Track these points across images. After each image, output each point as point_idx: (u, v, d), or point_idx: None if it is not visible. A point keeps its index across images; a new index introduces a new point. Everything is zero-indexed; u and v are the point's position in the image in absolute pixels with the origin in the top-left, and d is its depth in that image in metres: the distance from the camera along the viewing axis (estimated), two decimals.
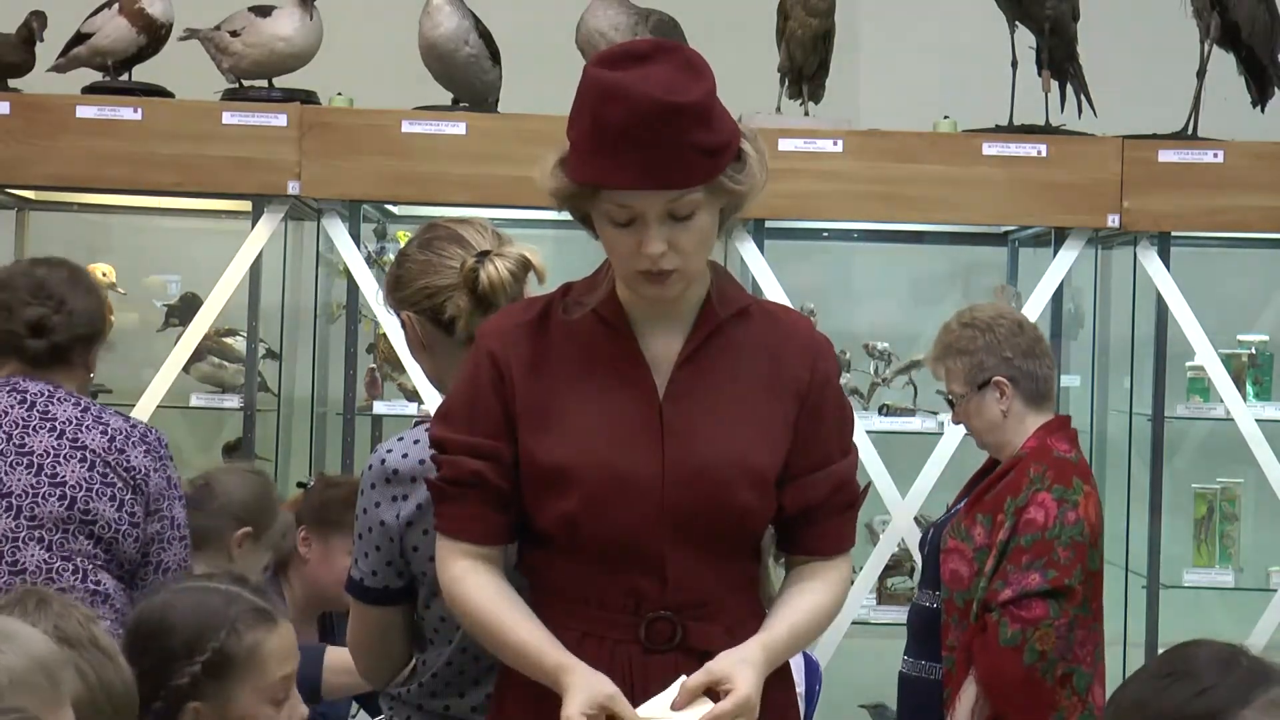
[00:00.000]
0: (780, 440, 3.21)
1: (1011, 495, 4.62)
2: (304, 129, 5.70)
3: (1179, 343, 5.90)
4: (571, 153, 3.11)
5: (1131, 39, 6.03)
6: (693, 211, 3.08)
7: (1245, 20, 5.80)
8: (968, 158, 5.77)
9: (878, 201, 5.82)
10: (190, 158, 5.61)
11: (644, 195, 3.06)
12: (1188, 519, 6.14)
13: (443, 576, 3.25)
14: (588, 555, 3.13)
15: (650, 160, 3.03)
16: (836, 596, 3.31)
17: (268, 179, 5.71)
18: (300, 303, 6.46)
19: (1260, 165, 5.79)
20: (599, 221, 3.14)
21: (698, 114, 3.05)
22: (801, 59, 5.90)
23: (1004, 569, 4.56)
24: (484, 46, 5.82)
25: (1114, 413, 6.39)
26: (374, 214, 6.26)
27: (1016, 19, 5.79)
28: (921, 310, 6.53)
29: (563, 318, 3.24)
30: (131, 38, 5.82)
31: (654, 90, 3.00)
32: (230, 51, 5.82)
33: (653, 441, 3.15)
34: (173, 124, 5.66)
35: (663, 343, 3.22)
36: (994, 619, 4.56)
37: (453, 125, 5.75)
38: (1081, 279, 6.16)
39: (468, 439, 3.22)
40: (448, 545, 3.24)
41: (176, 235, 6.43)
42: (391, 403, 6.06)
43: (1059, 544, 4.61)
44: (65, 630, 2.75)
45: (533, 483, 3.19)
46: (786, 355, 3.26)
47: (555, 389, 3.21)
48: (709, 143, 3.07)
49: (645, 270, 3.10)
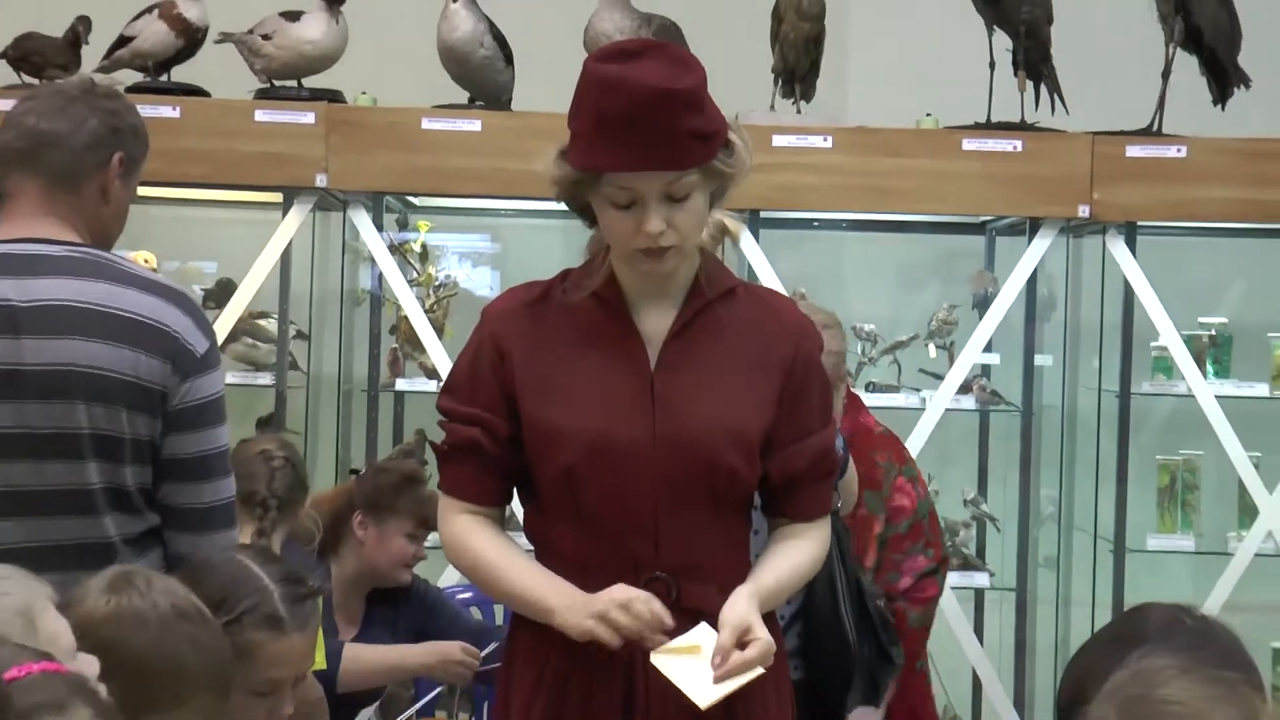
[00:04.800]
0: (764, 409, 3.25)
1: (870, 487, 4.51)
2: (330, 126, 5.72)
3: (1144, 325, 5.92)
4: (574, 142, 3.15)
5: (1101, 42, 6.04)
6: (689, 193, 3.14)
7: (1207, 24, 5.81)
8: (948, 153, 5.78)
9: (865, 193, 5.84)
10: (225, 153, 5.63)
11: (644, 177, 3.11)
12: (1152, 488, 6.15)
13: (443, 530, 3.35)
14: (586, 519, 3.17)
15: (650, 145, 3.08)
16: (817, 553, 3.37)
17: (297, 172, 5.73)
18: (328, 288, 6.47)
19: (1221, 160, 5.79)
20: (600, 205, 3.19)
21: (690, 101, 3.10)
22: (794, 60, 5.91)
23: (890, 559, 4.55)
24: (498, 49, 5.83)
25: (1084, 390, 6.40)
26: (396, 205, 6.27)
27: (994, 23, 5.79)
28: (905, 295, 6.55)
29: (562, 299, 3.30)
30: (170, 41, 5.84)
31: (650, 79, 3.05)
32: (262, 54, 5.84)
33: (644, 409, 3.19)
34: (208, 121, 5.69)
35: (655, 320, 3.27)
36: (901, 607, 4.54)
37: (469, 122, 5.77)
38: (1054, 266, 6.15)
39: (468, 409, 3.28)
40: (448, 502, 3.33)
41: (212, 225, 6.46)
42: (412, 380, 6.07)
43: (925, 521, 4.64)
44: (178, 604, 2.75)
45: (535, 446, 3.24)
46: (772, 333, 3.31)
47: (556, 362, 3.25)
48: (702, 128, 3.12)
49: (645, 248, 3.15)
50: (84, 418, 3.31)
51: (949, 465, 6.22)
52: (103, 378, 3.32)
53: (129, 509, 3.35)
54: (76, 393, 3.31)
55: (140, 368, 3.33)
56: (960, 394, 6.00)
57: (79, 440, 3.32)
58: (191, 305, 3.47)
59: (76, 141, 3.47)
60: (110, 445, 3.33)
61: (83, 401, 3.31)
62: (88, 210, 3.49)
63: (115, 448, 3.33)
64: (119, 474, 3.33)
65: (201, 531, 3.39)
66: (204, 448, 3.40)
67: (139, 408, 3.33)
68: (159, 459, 3.37)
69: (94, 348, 3.32)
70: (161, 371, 3.34)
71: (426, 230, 6.26)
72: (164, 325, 3.36)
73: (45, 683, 2.06)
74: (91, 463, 3.32)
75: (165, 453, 3.37)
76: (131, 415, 3.32)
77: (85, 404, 3.31)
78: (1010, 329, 6.08)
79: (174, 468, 3.38)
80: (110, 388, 3.32)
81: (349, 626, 4.75)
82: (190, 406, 3.37)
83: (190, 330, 3.39)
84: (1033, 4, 5.77)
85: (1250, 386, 6.06)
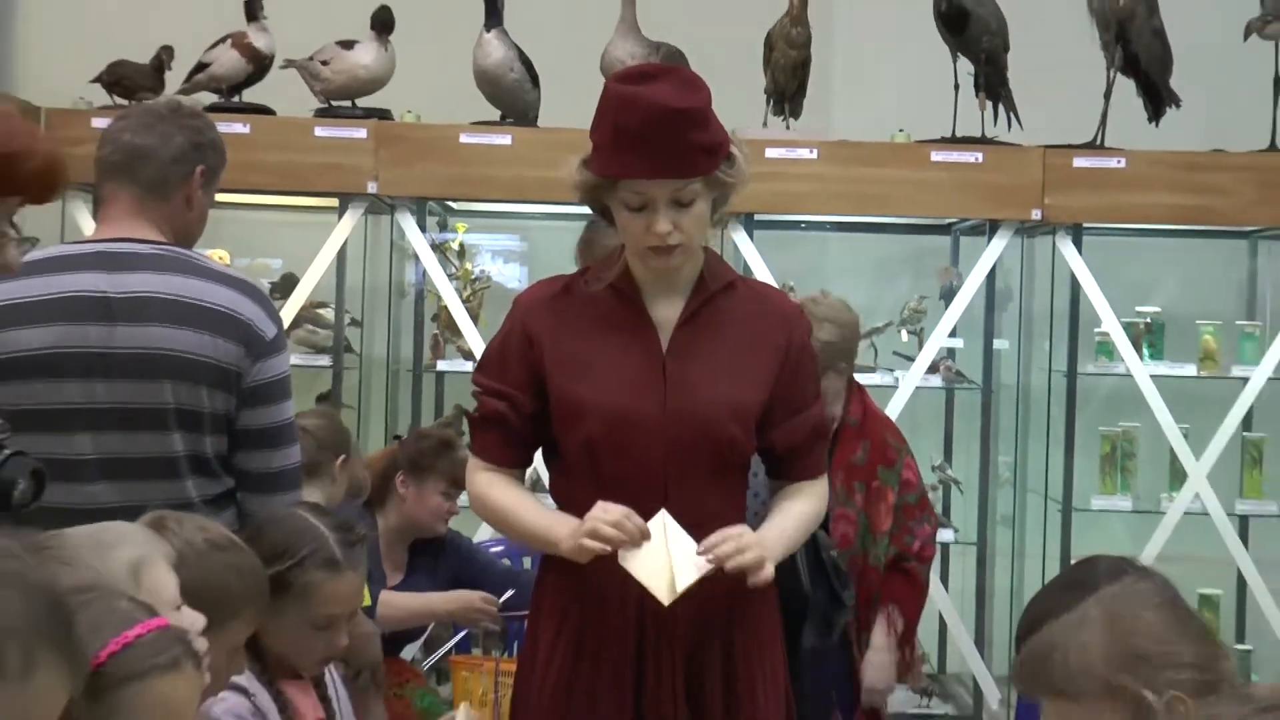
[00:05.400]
0: (761, 386, 3.27)
1: (883, 464, 4.54)
2: (380, 140, 5.74)
3: (1088, 313, 5.93)
4: (595, 152, 3.18)
5: (1051, 67, 6.04)
6: (694, 199, 3.16)
7: (1143, 52, 5.81)
8: (918, 163, 5.79)
9: (846, 199, 5.86)
10: (288, 164, 5.65)
11: (654, 184, 3.13)
12: (1095, 456, 6.14)
13: (469, 484, 3.39)
14: (604, 481, 3.17)
15: (660, 156, 3.10)
16: (818, 507, 3.40)
17: (351, 180, 5.74)
18: (377, 281, 6.47)
19: (1156, 170, 5.80)
20: (616, 208, 3.21)
21: (697, 118, 3.12)
22: (784, 83, 5.93)
23: (905, 525, 4.56)
24: (526, 72, 5.84)
25: (1036, 370, 6.41)
26: (437, 209, 6.30)
27: (958, 51, 5.81)
28: (881, 287, 6.54)
29: (584, 290, 3.31)
30: (241, 66, 5.87)
31: (663, 99, 3.08)
32: (320, 77, 5.86)
33: (657, 387, 3.21)
34: (274, 136, 5.70)
35: (665, 309, 3.29)
36: (914, 566, 4.57)
37: (500, 137, 5.78)
38: (1010, 262, 6.17)
39: (496, 385, 3.31)
40: (474, 462, 3.37)
41: (277, 227, 6.47)
42: (451, 361, 6.08)
43: (925, 493, 4.69)
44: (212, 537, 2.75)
45: (560, 418, 3.26)
46: (767, 321, 3.33)
47: (579, 345, 3.27)
48: (707, 142, 3.14)
49: (654, 246, 3.17)
50: (170, 395, 3.33)
51: (919, 436, 6.18)
52: (186, 360, 3.33)
53: (208, 473, 3.37)
54: (163, 373, 3.33)
55: (218, 351, 3.34)
56: (929, 374, 6.01)
57: (165, 414, 3.33)
58: (261, 296, 3.48)
59: (165, 155, 3.47)
60: (192, 418, 3.34)
61: (169, 380, 3.33)
62: (174, 215, 3.50)
63: (196, 420, 3.34)
64: (200, 443, 3.35)
65: (271, 493, 3.41)
66: (273, 420, 3.41)
67: (217, 385, 3.34)
68: (234, 430, 3.38)
69: (178, 333, 3.33)
70: (236, 354, 3.35)
71: (463, 231, 6.27)
72: (238, 314, 3.37)
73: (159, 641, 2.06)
74: (176, 433, 3.34)
75: (239, 424, 3.38)
76: (210, 392, 3.34)
77: (171, 382, 3.32)
78: (972, 317, 6.08)
79: (247, 438, 3.39)
80: (192, 368, 3.33)
81: (395, 573, 4.77)
82: (261, 384, 3.38)
83: (260, 318, 3.40)
84: (992, 35, 5.78)
85: (1180, 367, 6.06)
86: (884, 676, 4.53)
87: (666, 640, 3.22)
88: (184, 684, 2.07)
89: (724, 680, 3.27)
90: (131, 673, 2.00)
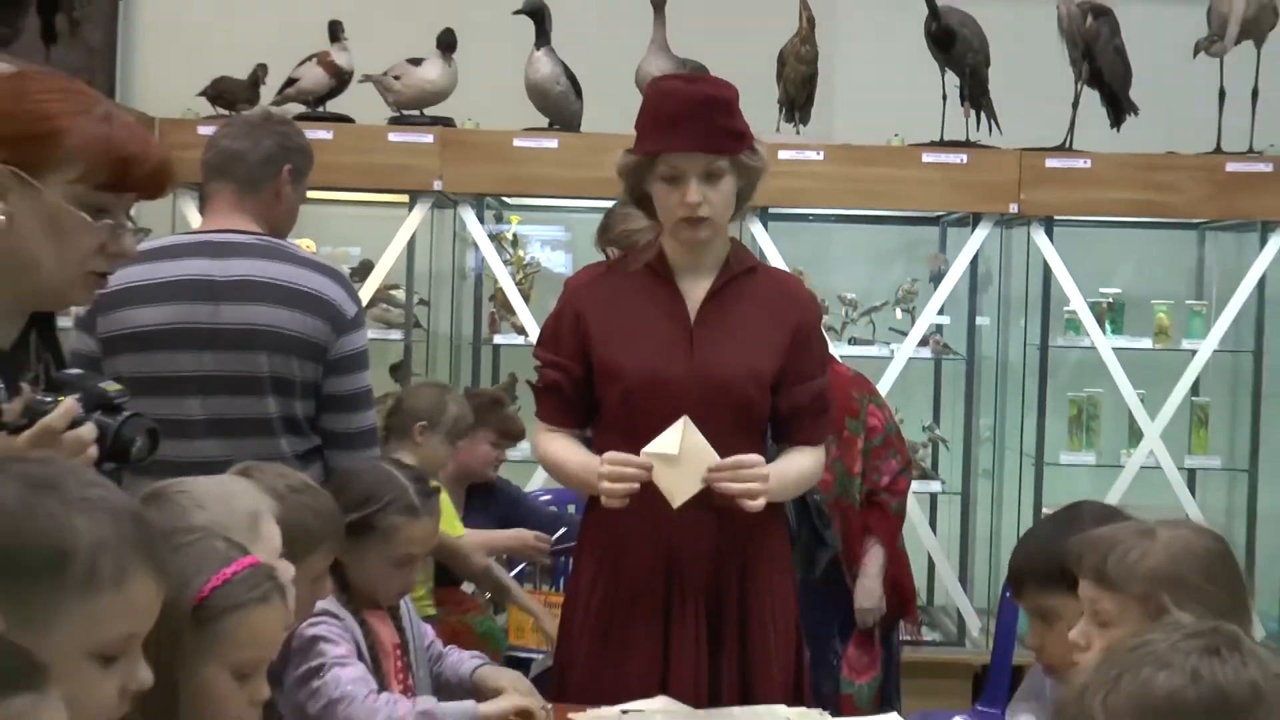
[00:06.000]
0: (775, 355, 3.29)
1: (849, 415, 4.57)
2: (444, 144, 5.75)
3: (1058, 294, 5.93)
4: (639, 138, 3.23)
5: (1026, 80, 6.02)
6: (722, 176, 3.19)
7: (1107, 68, 5.81)
8: (911, 163, 5.78)
9: (848, 194, 5.85)
10: (365, 165, 5.65)
11: (689, 158, 3.16)
12: (1064, 417, 6.13)
13: (534, 443, 3.42)
14: (639, 435, 3.16)
15: (694, 133, 3.14)
16: (816, 466, 3.40)
17: (419, 179, 5.75)
18: (442, 266, 6.48)
19: (1117, 169, 5.78)
20: (654, 185, 3.23)
21: (726, 106, 3.18)
22: (794, 94, 5.93)
23: (873, 465, 4.60)
24: (570, 85, 5.85)
25: (1013, 344, 6.37)
26: (494, 204, 6.30)
27: (946, 65, 5.81)
28: (878, 271, 6.52)
29: (624, 270, 3.34)
30: (325, 81, 5.89)
31: (699, 88, 3.18)
32: (393, 90, 5.87)
33: (685, 353, 3.24)
34: (353, 141, 5.71)
35: (694, 287, 3.31)
36: (883, 499, 4.62)
37: (548, 141, 5.78)
38: (991, 249, 6.17)
39: (552, 357, 3.34)
40: (539, 425, 3.39)
41: (355, 219, 6.48)
42: (506, 335, 6.07)
43: (892, 435, 4.69)
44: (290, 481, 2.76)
45: (602, 378, 3.30)
46: (783, 303, 3.35)
47: (618, 317, 3.30)
48: (735, 128, 3.19)
49: (686, 217, 3.18)
50: (265, 365, 3.36)
51: (911, 400, 6.22)
52: (280, 334, 3.36)
53: (298, 432, 3.40)
54: (260, 346, 3.36)
55: (306, 327, 3.37)
56: (920, 346, 5.98)
57: (262, 381, 3.37)
58: (344, 279, 3.51)
59: (255, 157, 3.50)
60: (285, 385, 3.37)
61: (265, 352, 3.36)
62: (265, 208, 3.52)
63: (288, 387, 3.38)
64: (291, 406, 3.38)
65: (353, 449, 3.43)
66: (354, 387, 3.44)
67: (306, 357, 3.37)
68: (320, 395, 3.41)
69: (274, 312, 3.37)
70: (322, 329, 3.38)
71: (516, 223, 6.28)
72: (324, 295, 3.40)
73: (252, 577, 2.09)
74: (270, 398, 3.37)
75: (325, 391, 3.41)
76: (301, 363, 3.37)
77: (267, 354, 3.36)
78: (957, 297, 6.07)
79: (331, 402, 3.42)
80: (285, 342, 3.36)
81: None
82: (343, 356, 3.41)
83: (343, 298, 3.43)
84: (974, 52, 5.77)
85: (1138, 341, 6.03)
86: (872, 598, 4.59)
87: (690, 577, 3.25)
88: (273, 615, 2.10)
89: (739, 608, 3.29)
90: (229, 604, 2.04)
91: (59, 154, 2.12)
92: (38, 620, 1.59)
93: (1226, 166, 5.76)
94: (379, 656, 3.11)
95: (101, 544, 1.63)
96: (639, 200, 3.32)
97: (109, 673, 1.65)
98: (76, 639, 1.62)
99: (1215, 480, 6.35)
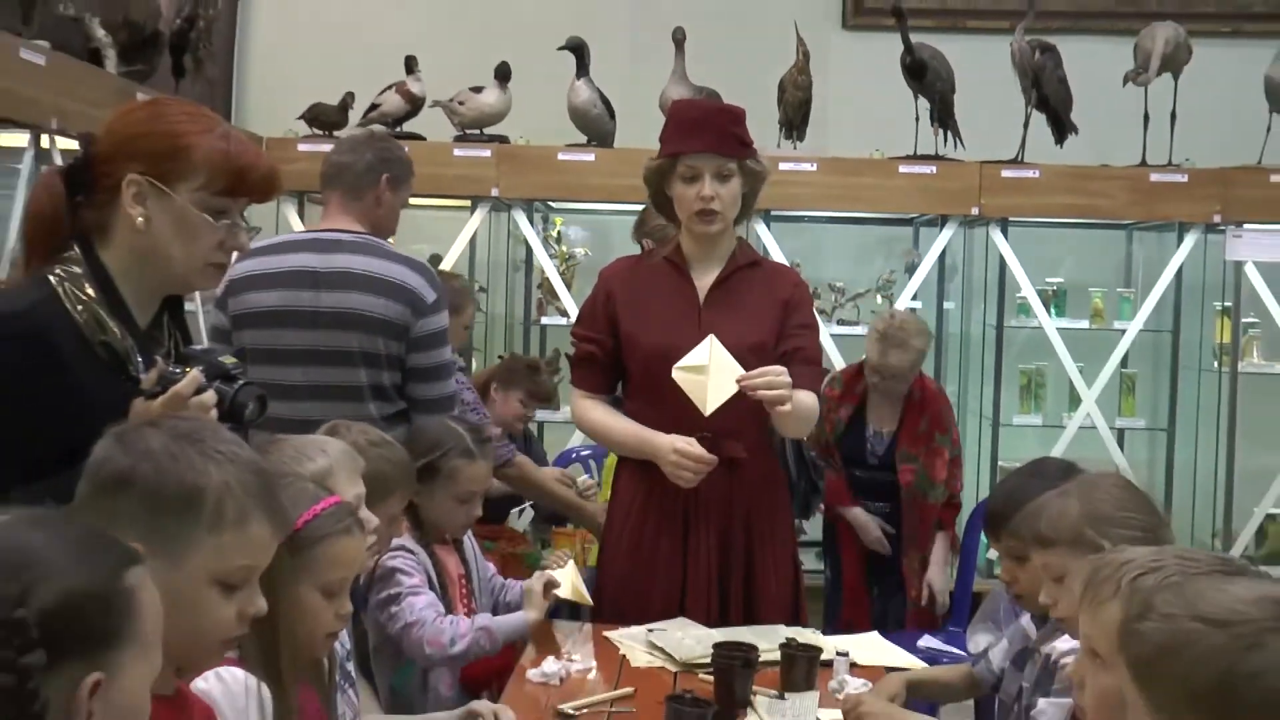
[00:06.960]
0: (772, 329, 3.25)
1: (940, 431, 4.54)
2: (500, 158, 5.74)
3: (1012, 283, 5.89)
4: (662, 146, 3.23)
5: (985, 104, 5.98)
6: (731, 176, 3.18)
7: (1052, 94, 5.78)
8: (889, 174, 5.75)
9: (837, 200, 5.82)
10: (435, 175, 5.60)
11: (704, 159, 3.16)
12: (1016, 386, 6.11)
13: (573, 407, 3.38)
14: (660, 399, 3.16)
15: (710, 137, 3.15)
16: (814, 404, 3.26)
17: (479, 187, 5.74)
18: (498, 259, 6.47)
19: (1061, 179, 5.74)
20: (674, 185, 3.22)
21: (736, 118, 3.20)
22: (792, 114, 5.90)
23: (954, 474, 4.59)
24: (605, 108, 5.83)
25: (974, 324, 6.35)
26: (542, 208, 6.29)
27: (918, 92, 5.78)
28: (862, 264, 6.49)
29: (648, 262, 3.34)
30: (402, 106, 5.88)
31: (713, 103, 3.30)
32: (457, 113, 5.86)
33: (694, 328, 3.21)
34: (424, 155, 5.57)
35: (705, 276, 3.31)
36: (958, 501, 4.64)
37: (587, 155, 5.76)
38: (956, 245, 6.12)
39: (587, 333, 3.33)
40: (576, 392, 3.37)
41: (427, 221, 6.46)
42: (551, 318, 6.05)
43: (959, 450, 4.68)
44: (370, 435, 2.78)
45: (628, 350, 3.29)
46: (779, 287, 3.33)
47: (641, 299, 3.29)
48: (743, 136, 3.19)
49: (700, 210, 3.17)
50: (356, 342, 3.36)
51: None
52: (369, 317, 3.36)
53: (385, 398, 3.39)
54: (352, 326, 3.36)
55: (390, 311, 3.36)
56: None
57: (353, 355, 3.37)
58: (426, 270, 3.50)
59: (359, 168, 3.52)
60: (372, 359, 3.37)
61: (356, 332, 3.36)
62: (368, 211, 3.53)
63: (375, 360, 3.37)
64: (379, 376, 3.38)
65: (432, 414, 3.43)
66: (434, 361, 3.42)
67: (391, 336, 3.37)
68: (405, 369, 3.40)
69: (364, 298, 3.37)
70: (406, 313, 3.37)
71: (560, 223, 6.27)
72: (407, 284, 3.39)
73: (337, 513, 2.11)
74: (360, 369, 3.37)
75: (409, 364, 3.39)
76: (386, 341, 3.37)
77: (358, 333, 3.36)
78: (928, 286, 6.05)
79: (415, 374, 3.41)
80: (373, 324, 3.36)
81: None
82: (424, 335, 3.40)
83: (423, 287, 3.42)
84: (943, 81, 5.74)
85: (1077, 322, 6.00)
86: (942, 576, 4.56)
87: (705, 517, 3.26)
88: (354, 545, 2.12)
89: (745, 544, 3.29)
90: (318, 535, 2.06)
91: (187, 166, 2.12)
92: (173, 549, 1.60)
93: (1150, 177, 5.73)
94: (446, 584, 3.13)
95: (228, 488, 1.64)
96: (659, 205, 3.32)
97: (230, 600, 1.65)
98: (203, 568, 1.62)
99: (1140, 438, 6.31)
